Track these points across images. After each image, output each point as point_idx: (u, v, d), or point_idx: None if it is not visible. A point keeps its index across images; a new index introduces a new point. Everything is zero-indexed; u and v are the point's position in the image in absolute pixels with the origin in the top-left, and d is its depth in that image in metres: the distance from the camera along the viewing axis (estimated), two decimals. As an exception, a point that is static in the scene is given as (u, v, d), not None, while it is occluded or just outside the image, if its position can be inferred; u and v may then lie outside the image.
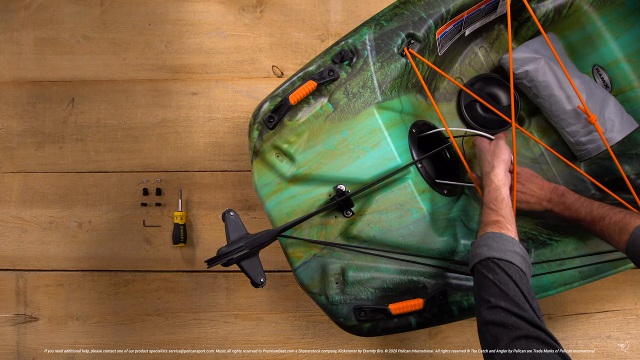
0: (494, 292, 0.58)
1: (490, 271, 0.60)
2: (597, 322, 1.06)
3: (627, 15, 0.94)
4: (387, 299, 0.77)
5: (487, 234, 0.66)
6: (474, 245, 0.67)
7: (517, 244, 0.64)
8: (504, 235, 0.64)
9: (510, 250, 0.62)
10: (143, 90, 1.14)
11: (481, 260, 0.63)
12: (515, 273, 0.59)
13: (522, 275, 0.60)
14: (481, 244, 0.64)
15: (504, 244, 0.63)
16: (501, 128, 1.03)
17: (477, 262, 0.63)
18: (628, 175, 0.96)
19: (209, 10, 1.14)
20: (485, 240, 0.65)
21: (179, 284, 1.10)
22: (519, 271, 0.60)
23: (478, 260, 0.63)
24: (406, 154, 0.81)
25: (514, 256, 0.62)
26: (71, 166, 1.13)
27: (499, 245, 0.62)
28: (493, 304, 0.56)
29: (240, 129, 1.12)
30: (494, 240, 0.64)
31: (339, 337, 1.08)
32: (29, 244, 1.12)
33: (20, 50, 1.15)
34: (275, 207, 0.80)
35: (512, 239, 0.64)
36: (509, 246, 0.62)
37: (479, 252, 0.64)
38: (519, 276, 0.59)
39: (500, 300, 0.56)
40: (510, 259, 0.61)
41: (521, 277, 0.59)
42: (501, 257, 0.61)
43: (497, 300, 0.56)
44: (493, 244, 0.63)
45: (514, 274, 0.59)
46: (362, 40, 0.81)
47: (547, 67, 0.94)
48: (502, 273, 0.59)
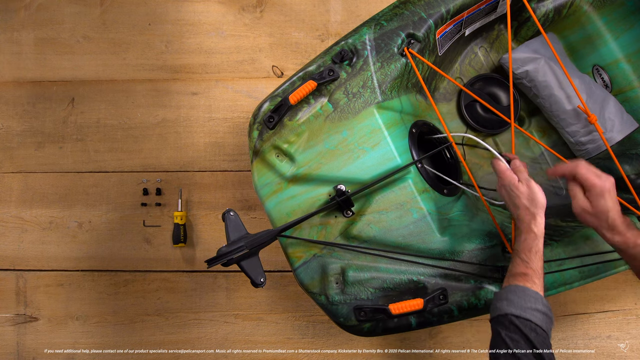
0: (504, 349, 0.58)
1: (505, 328, 0.60)
2: (597, 322, 1.06)
3: (627, 15, 0.94)
4: (387, 299, 0.77)
5: (510, 287, 0.65)
6: (496, 297, 0.66)
7: (540, 300, 0.62)
8: (528, 289, 0.63)
9: (530, 308, 0.61)
10: (143, 90, 1.14)
11: (499, 315, 0.62)
12: (531, 331, 0.59)
13: (539, 334, 0.59)
14: (502, 297, 0.64)
15: (526, 300, 0.62)
16: (501, 128, 1.03)
17: (495, 316, 0.64)
18: (628, 175, 0.96)
19: (209, 10, 1.14)
20: (507, 293, 0.64)
21: (179, 284, 1.10)
22: (535, 329, 0.59)
23: (497, 314, 0.63)
24: (406, 154, 0.81)
25: (534, 314, 0.61)
26: (71, 166, 1.13)
27: (520, 301, 0.62)
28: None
29: (240, 129, 1.12)
30: (516, 294, 0.63)
31: (339, 337, 1.08)
32: (29, 244, 1.12)
33: (20, 50, 1.15)
34: (275, 207, 0.80)
35: (536, 294, 0.63)
36: (531, 303, 0.61)
37: (499, 305, 0.63)
38: (534, 334, 0.59)
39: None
40: (530, 317, 0.60)
41: (537, 336, 0.59)
42: (520, 314, 0.60)
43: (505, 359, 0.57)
44: (514, 298, 0.62)
45: (530, 332, 0.59)
46: (362, 40, 0.81)
47: (547, 67, 0.94)
48: (517, 331, 0.59)
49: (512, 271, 0.68)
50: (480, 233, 0.82)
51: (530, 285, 0.64)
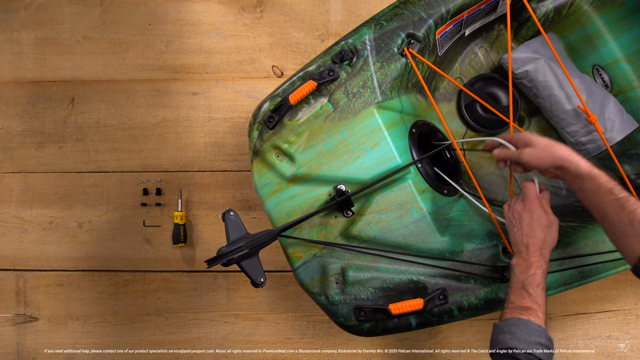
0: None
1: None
2: (597, 322, 1.06)
3: (627, 15, 0.94)
4: (387, 299, 0.77)
5: (513, 320, 0.64)
6: (498, 329, 0.65)
7: (543, 333, 0.62)
8: (531, 323, 0.62)
9: (535, 342, 0.60)
10: (143, 90, 1.14)
11: (502, 348, 0.62)
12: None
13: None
14: (505, 330, 0.63)
15: (530, 334, 0.61)
16: (501, 128, 1.03)
17: (498, 349, 0.63)
18: (628, 175, 0.96)
19: (209, 10, 1.14)
20: (511, 327, 0.63)
21: (179, 284, 1.10)
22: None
23: (498, 347, 0.62)
24: (406, 154, 0.81)
25: (538, 348, 0.60)
26: (71, 166, 1.13)
27: (524, 335, 0.61)
28: None
29: (240, 129, 1.12)
30: (520, 328, 0.62)
31: (339, 337, 1.08)
32: (29, 244, 1.12)
33: (20, 50, 1.15)
34: (275, 207, 0.80)
35: (539, 327, 0.62)
36: (534, 337, 0.61)
37: (502, 339, 0.62)
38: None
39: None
40: (534, 351, 0.60)
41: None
42: (524, 349, 0.60)
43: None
44: (518, 332, 0.61)
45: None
46: (362, 40, 0.81)
47: (547, 67, 0.94)
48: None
49: (516, 303, 0.66)
50: (480, 233, 0.82)
51: (534, 319, 0.63)
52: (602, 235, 0.81)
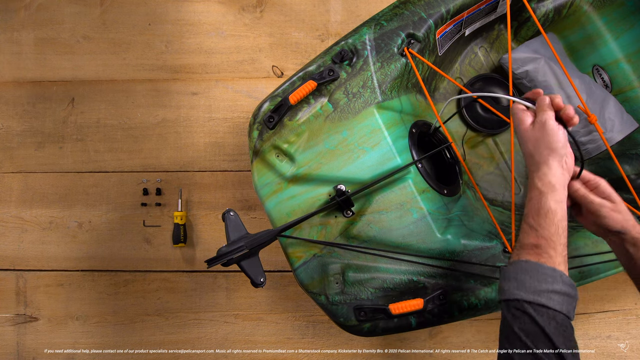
0: (518, 348, 0.47)
1: (516, 319, 0.48)
2: (597, 322, 1.06)
3: (627, 15, 0.94)
4: (387, 299, 0.77)
5: (519, 263, 0.53)
6: (502, 275, 0.54)
7: (559, 278, 0.50)
8: (542, 266, 0.51)
9: (546, 290, 0.49)
10: (143, 90, 1.14)
11: (508, 299, 0.51)
12: (548, 321, 0.47)
13: (559, 322, 0.48)
14: (510, 277, 0.52)
15: (540, 280, 0.50)
16: (501, 128, 1.03)
17: (504, 299, 0.52)
18: (628, 175, 0.96)
19: (209, 10, 1.14)
20: (516, 272, 0.52)
21: (179, 284, 1.10)
22: (555, 316, 0.48)
23: (506, 297, 0.52)
24: (406, 153, 0.81)
25: (552, 297, 0.49)
26: (71, 166, 1.13)
27: (532, 283, 0.50)
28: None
29: (240, 129, 1.12)
30: (528, 273, 0.51)
31: (339, 337, 1.08)
32: (29, 244, 1.12)
33: (20, 50, 1.15)
34: (275, 207, 0.80)
35: (553, 270, 0.50)
36: (546, 284, 0.49)
37: (507, 287, 0.52)
38: (554, 324, 0.47)
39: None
40: (546, 302, 0.48)
41: (558, 326, 0.47)
42: (533, 299, 0.48)
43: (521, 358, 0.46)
44: (525, 279, 0.50)
45: (547, 324, 0.47)
46: (362, 40, 0.81)
47: (547, 67, 0.94)
48: (531, 323, 0.47)
49: (521, 241, 0.56)
50: (480, 233, 0.82)
51: (545, 259, 0.51)
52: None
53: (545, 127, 0.57)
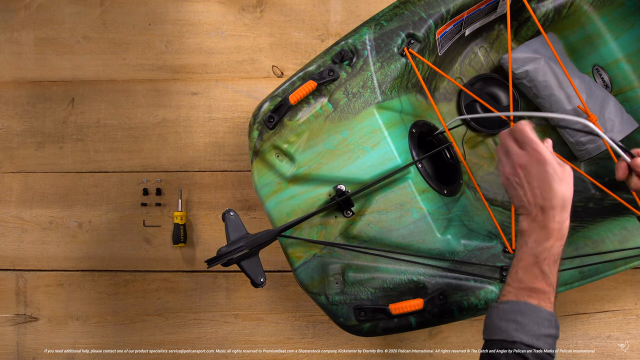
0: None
1: (510, 359, 0.48)
2: (597, 322, 1.06)
3: (627, 15, 0.94)
4: (387, 299, 0.77)
5: (520, 306, 0.51)
6: (499, 313, 0.52)
7: (554, 322, 0.51)
8: (541, 311, 0.50)
9: (544, 335, 0.49)
10: (143, 90, 1.14)
11: (504, 340, 0.50)
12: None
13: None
14: (509, 318, 0.50)
15: (540, 324, 0.50)
16: (501, 128, 1.03)
17: (497, 339, 0.51)
18: (628, 175, 0.96)
19: (209, 10, 1.14)
20: (516, 314, 0.50)
21: (179, 284, 1.10)
22: (546, 358, 0.49)
23: (501, 338, 0.50)
24: (406, 154, 0.81)
25: (547, 341, 0.49)
26: (71, 166, 1.13)
27: (532, 327, 0.49)
28: None
29: (240, 129, 1.12)
30: (529, 317, 0.50)
31: (339, 337, 1.08)
32: (29, 244, 1.12)
33: (20, 50, 1.15)
34: (275, 207, 0.80)
35: (550, 314, 0.51)
36: (544, 328, 0.50)
37: (506, 327, 0.50)
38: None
39: None
40: (543, 345, 0.49)
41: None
42: (532, 343, 0.48)
43: None
44: (527, 322, 0.49)
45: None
46: (362, 40, 0.80)
47: (547, 67, 0.94)
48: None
49: (525, 282, 0.52)
50: (480, 233, 0.82)
51: (546, 304, 0.51)
52: (602, 235, 0.81)
53: (565, 169, 0.54)
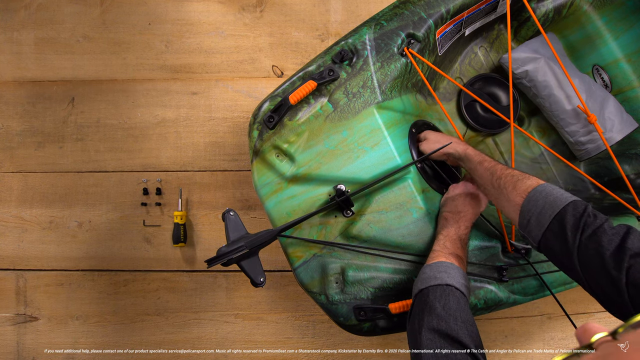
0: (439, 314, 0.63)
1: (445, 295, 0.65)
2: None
3: (627, 15, 0.94)
4: (387, 298, 0.77)
5: (448, 264, 0.68)
6: (433, 267, 0.68)
7: (469, 279, 0.71)
8: (462, 271, 0.68)
9: (464, 285, 0.67)
10: (143, 90, 1.14)
11: (439, 284, 0.66)
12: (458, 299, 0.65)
13: (462, 300, 0.65)
14: (441, 270, 0.68)
15: (463, 277, 0.67)
16: (501, 128, 1.03)
17: (433, 285, 0.66)
18: (628, 175, 0.96)
19: (209, 10, 1.14)
20: (447, 267, 0.68)
21: (179, 283, 1.10)
22: (462, 296, 0.65)
23: (436, 284, 0.66)
24: (406, 153, 0.81)
25: (466, 290, 0.67)
26: (71, 166, 1.13)
27: (458, 278, 0.67)
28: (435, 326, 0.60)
29: (240, 128, 1.12)
30: (455, 271, 0.67)
31: (339, 337, 1.08)
32: (29, 243, 1.12)
33: (20, 50, 1.15)
34: (275, 207, 0.80)
35: (466, 275, 0.69)
36: (464, 280, 0.67)
37: (440, 276, 0.67)
38: (463, 301, 0.65)
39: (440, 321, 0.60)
40: (465, 291, 0.66)
41: (462, 302, 0.65)
42: (459, 288, 0.65)
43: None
44: (454, 274, 0.67)
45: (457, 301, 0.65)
46: (362, 40, 0.81)
47: (547, 67, 0.94)
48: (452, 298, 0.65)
49: (451, 249, 0.72)
50: (480, 233, 0.82)
51: (464, 268, 0.70)
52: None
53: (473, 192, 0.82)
